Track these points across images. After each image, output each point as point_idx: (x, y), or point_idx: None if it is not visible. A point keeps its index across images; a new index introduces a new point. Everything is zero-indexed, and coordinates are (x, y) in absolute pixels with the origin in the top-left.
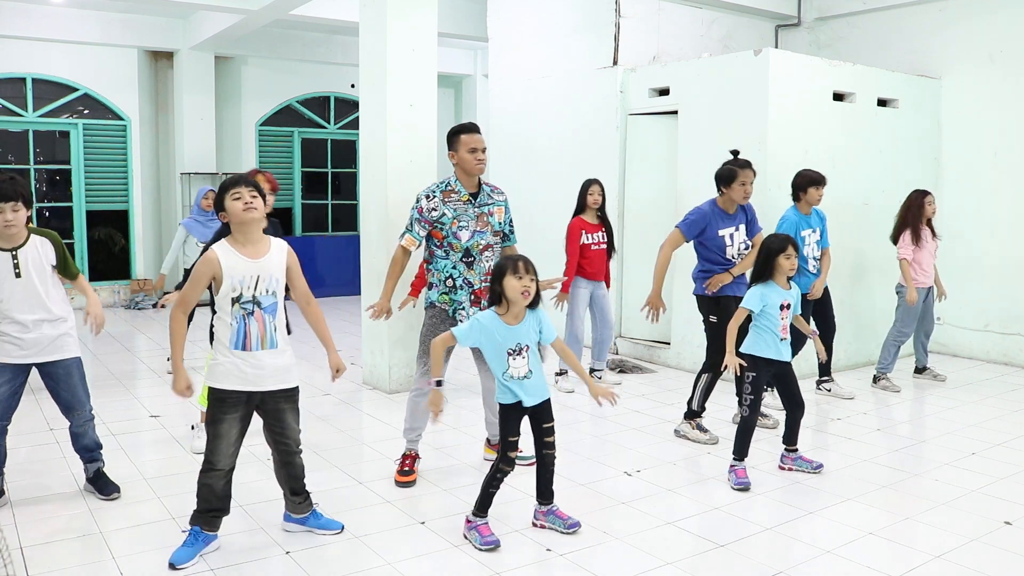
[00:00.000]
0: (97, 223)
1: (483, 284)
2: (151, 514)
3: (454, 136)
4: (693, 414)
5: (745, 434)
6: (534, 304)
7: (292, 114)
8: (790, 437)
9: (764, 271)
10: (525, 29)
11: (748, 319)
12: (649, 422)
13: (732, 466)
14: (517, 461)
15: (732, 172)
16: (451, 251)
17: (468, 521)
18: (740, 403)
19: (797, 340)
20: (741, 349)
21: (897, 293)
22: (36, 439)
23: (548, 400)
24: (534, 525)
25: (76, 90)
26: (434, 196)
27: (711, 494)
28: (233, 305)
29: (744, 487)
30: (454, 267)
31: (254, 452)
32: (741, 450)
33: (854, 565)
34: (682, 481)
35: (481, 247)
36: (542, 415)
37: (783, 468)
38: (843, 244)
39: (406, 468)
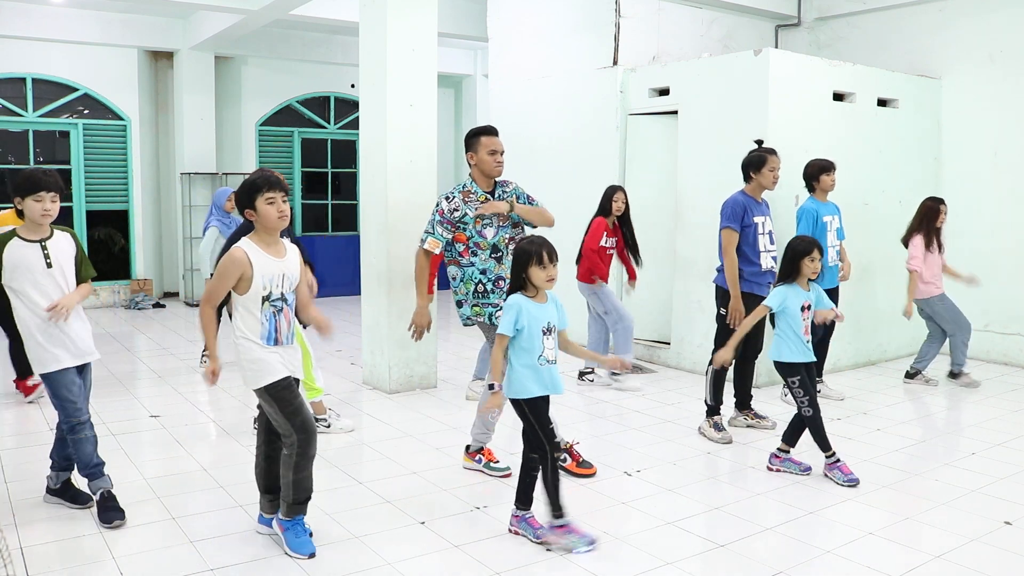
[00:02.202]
0: (97, 223)
1: None
2: (151, 514)
3: (473, 137)
4: (712, 411)
5: (817, 431)
6: None
7: (292, 114)
8: (791, 438)
9: (789, 272)
10: (525, 29)
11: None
12: (649, 422)
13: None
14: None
15: (762, 158)
16: (479, 250)
17: (516, 516)
18: (799, 408)
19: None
20: (772, 357)
21: (921, 309)
22: (37, 439)
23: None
24: (510, 529)
25: (76, 90)
26: (454, 197)
27: (711, 494)
28: (263, 303)
29: (852, 483)
30: (483, 270)
31: (253, 451)
32: (824, 445)
33: (854, 565)
34: (682, 481)
35: (506, 240)
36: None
37: (771, 469)
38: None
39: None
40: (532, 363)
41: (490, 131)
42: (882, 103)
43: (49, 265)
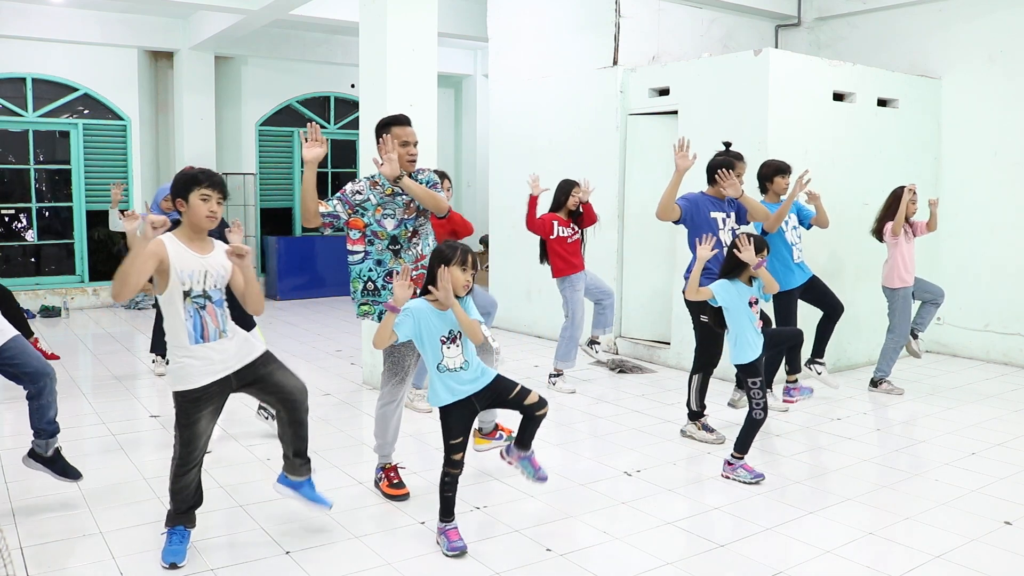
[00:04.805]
0: (97, 223)
1: (416, 272)
2: (151, 514)
3: (384, 128)
4: (695, 415)
5: (751, 432)
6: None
7: (292, 114)
8: (794, 365)
9: (733, 268)
10: (525, 29)
11: (721, 317)
12: (649, 422)
13: (732, 463)
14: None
15: (729, 163)
16: (376, 239)
17: (438, 527)
18: (752, 407)
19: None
20: (733, 361)
21: (886, 295)
22: None
23: (497, 377)
24: (501, 457)
25: (76, 90)
26: (360, 182)
27: (711, 494)
28: (184, 300)
29: (759, 479)
30: (378, 260)
31: (254, 452)
32: (744, 446)
33: (854, 565)
34: (682, 481)
35: (409, 234)
36: (501, 392)
37: (785, 401)
38: (842, 244)
39: (396, 481)
40: (433, 371)
41: (402, 121)
42: (882, 103)
43: None
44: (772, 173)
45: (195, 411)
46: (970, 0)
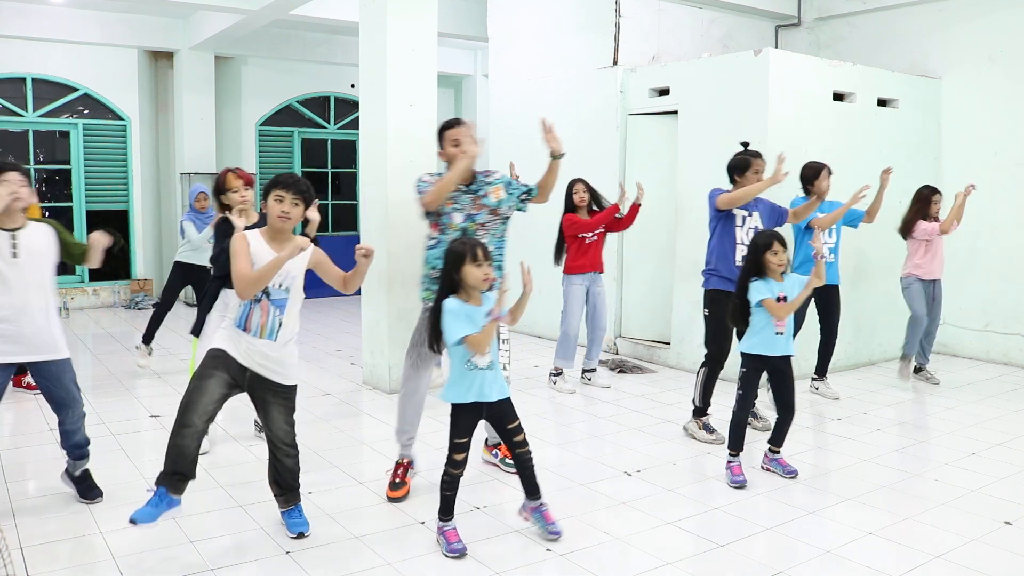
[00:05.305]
0: (97, 223)
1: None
2: None
3: (440, 134)
4: (699, 412)
5: (736, 428)
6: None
7: (292, 114)
8: (776, 439)
9: (755, 268)
10: (525, 29)
11: (748, 314)
12: (649, 422)
13: (729, 463)
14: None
15: (747, 161)
16: (448, 230)
17: (437, 527)
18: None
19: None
20: (739, 348)
21: (903, 288)
22: (37, 439)
23: (508, 399)
24: (518, 514)
25: (76, 90)
26: (432, 175)
27: (711, 494)
28: None
29: (740, 485)
30: (443, 253)
31: (253, 451)
32: (735, 444)
33: (854, 565)
34: (682, 481)
35: (476, 227)
36: (503, 415)
37: (763, 468)
38: (843, 244)
39: (397, 480)
40: (460, 368)
41: (452, 124)
42: (882, 103)
43: (15, 255)
44: (813, 176)
45: (210, 365)
46: (970, 0)
